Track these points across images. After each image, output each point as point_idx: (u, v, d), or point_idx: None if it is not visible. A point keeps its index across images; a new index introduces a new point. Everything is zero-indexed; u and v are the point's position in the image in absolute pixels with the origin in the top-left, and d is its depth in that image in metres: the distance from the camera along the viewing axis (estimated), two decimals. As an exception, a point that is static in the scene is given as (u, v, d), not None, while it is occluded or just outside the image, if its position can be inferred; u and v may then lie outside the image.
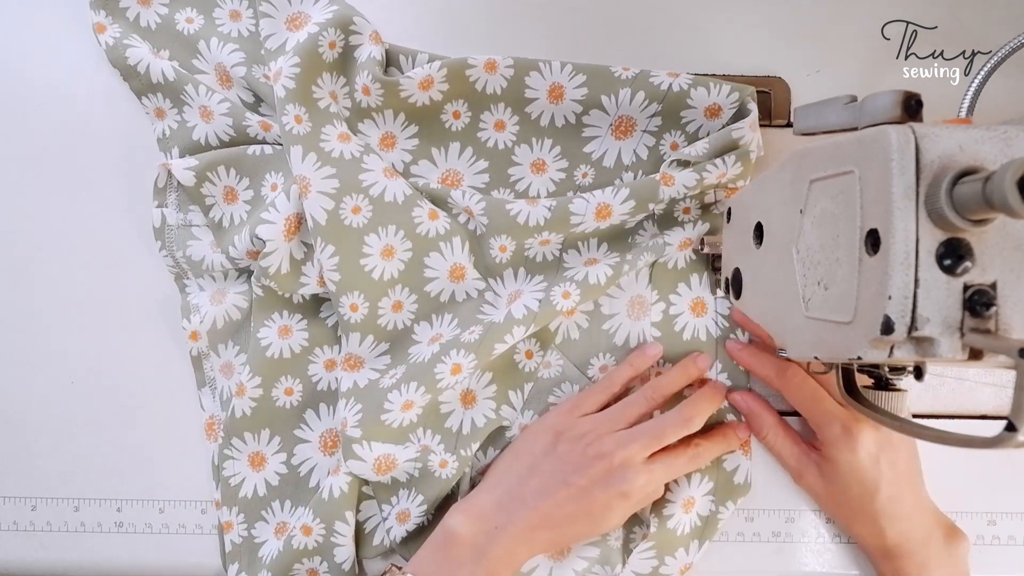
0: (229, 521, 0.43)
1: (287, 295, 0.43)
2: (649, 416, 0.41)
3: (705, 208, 0.43)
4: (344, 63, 0.43)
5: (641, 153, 0.43)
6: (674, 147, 0.43)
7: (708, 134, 0.42)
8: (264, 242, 0.40)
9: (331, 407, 0.44)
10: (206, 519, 0.45)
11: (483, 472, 0.43)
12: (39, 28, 0.46)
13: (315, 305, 0.44)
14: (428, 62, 0.43)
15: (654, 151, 0.43)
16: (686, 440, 0.41)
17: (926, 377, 0.27)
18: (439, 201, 0.43)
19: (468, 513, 0.39)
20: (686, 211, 0.43)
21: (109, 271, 0.46)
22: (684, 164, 0.41)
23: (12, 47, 0.46)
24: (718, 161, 0.40)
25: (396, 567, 0.39)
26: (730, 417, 0.43)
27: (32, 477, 0.45)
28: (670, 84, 0.41)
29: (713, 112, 0.41)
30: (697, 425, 0.40)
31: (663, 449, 0.40)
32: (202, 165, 0.43)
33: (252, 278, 0.43)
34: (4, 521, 0.45)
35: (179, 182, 0.43)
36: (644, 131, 0.43)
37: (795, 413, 0.42)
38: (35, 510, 0.45)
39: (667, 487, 0.42)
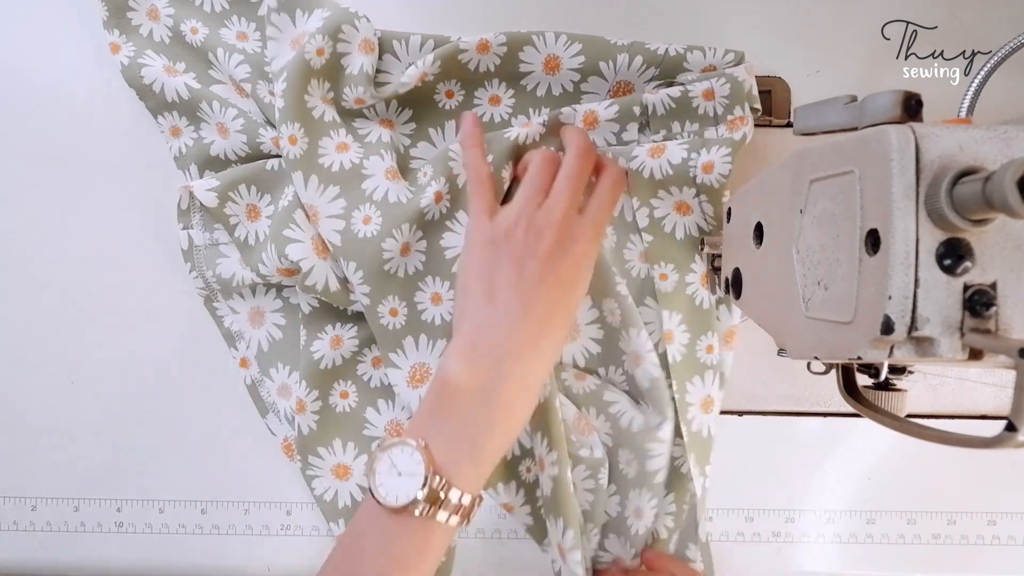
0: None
1: (340, 307, 0.43)
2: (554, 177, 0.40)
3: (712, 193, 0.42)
4: (332, 70, 0.43)
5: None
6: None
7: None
8: (293, 261, 0.40)
9: (388, 401, 0.44)
10: (206, 519, 0.45)
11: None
12: (39, 28, 0.46)
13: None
14: (421, 48, 0.43)
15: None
16: (599, 181, 0.40)
17: (926, 377, 0.27)
18: (441, 167, 0.42)
19: (459, 357, 0.36)
20: (684, 210, 0.43)
21: (109, 271, 0.46)
22: (669, 85, 0.42)
23: (12, 47, 0.46)
24: (705, 83, 0.41)
25: (395, 432, 0.36)
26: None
27: (32, 477, 0.45)
28: (666, 49, 0.42)
29: (709, 71, 0.42)
30: (594, 150, 0.40)
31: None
32: (223, 185, 0.43)
33: (300, 294, 0.43)
34: (4, 521, 0.45)
35: (201, 203, 0.43)
36: (643, 93, 0.43)
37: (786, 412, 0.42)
38: (35, 510, 0.45)
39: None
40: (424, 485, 0.33)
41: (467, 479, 0.34)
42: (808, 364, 0.42)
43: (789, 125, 0.44)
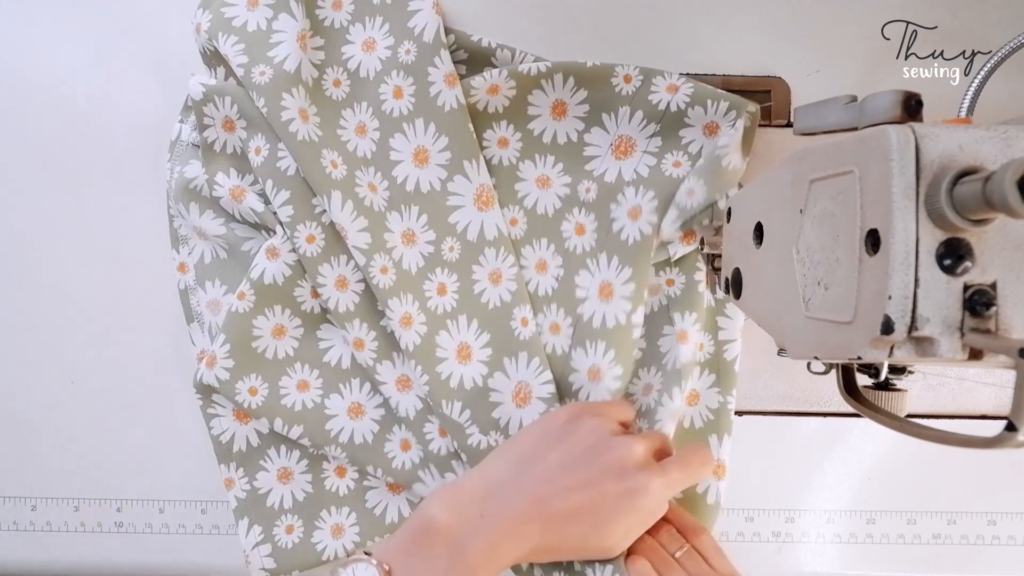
0: (229, 478, 0.44)
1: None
2: None
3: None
4: (353, 95, 0.44)
5: (642, 172, 0.43)
6: (676, 165, 0.42)
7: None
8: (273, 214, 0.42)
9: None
10: (206, 519, 0.45)
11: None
12: (39, 28, 0.46)
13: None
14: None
15: (655, 169, 0.43)
16: (694, 445, 0.40)
17: (926, 377, 0.27)
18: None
19: (452, 498, 0.34)
20: (676, 165, 0.42)
21: (109, 271, 0.46)
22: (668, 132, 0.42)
23: (12, 47, 0.46)
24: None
25: (366, 552, 0.35)
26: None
27: (32, 477, 0.45)
28: (668, 103, 0.41)
29: (711, 130, 0.41)
30: (709, 471, 0.39)
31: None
32: (215, 88, 0.43)
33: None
34: (4, 521, 0.45)
35: (188, 94, 0.43)
36: (644, 151, 0.43)
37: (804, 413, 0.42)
38: (35, 510, 0.45)
39: None
40: None
41: None
42: (808, 364, 0.42)
43: (789, 125, 0.44)
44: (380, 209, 0.43)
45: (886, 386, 0.33)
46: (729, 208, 0.39)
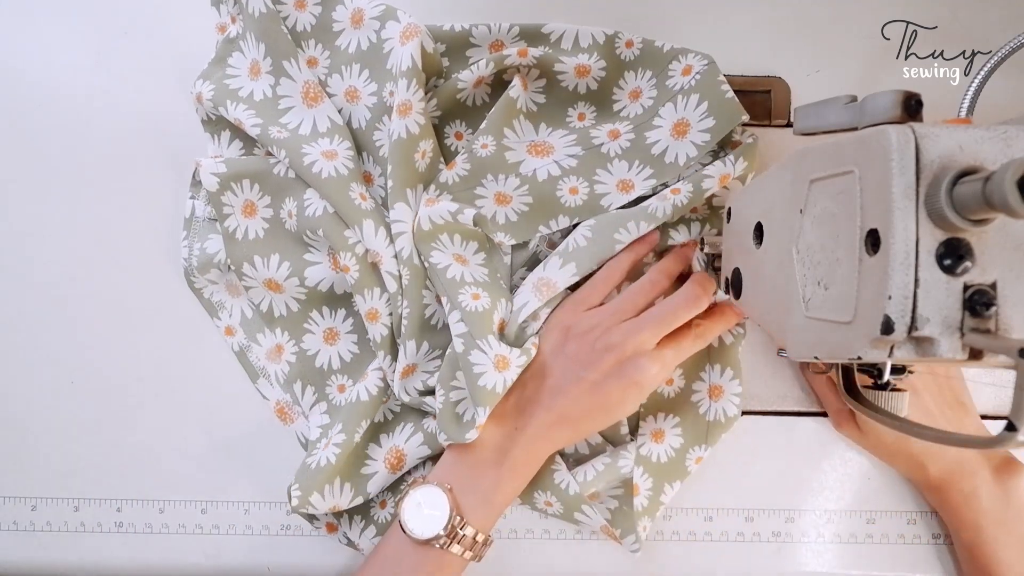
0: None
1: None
2: (653, 303, 0.41)
3: (714, 210, 0.43)
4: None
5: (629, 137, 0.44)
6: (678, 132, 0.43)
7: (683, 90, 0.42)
8: (310, 283, 0.43)
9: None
10: (206, 519, 0.45)
11: None
12: (39, 28, 0.46)
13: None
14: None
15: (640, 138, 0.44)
16: (688, 324, 0.40)
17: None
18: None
19: (489, 418, 0.39)
20: (694, 210, 0.43)
21: (109, 271, 0.46)
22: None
23: (12, 47, 0.46)
24: (718, 164, 0.40)
25: (422, 477, 0.40)
26: (721, 295, 0.42)
27: (32, 477, 0.45)
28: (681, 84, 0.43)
29: (686, 72, 0.42)
30: (704, 303, 0.40)
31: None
32: (228, 174, 0.43)
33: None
34: (4, 521, 0.45)
35: (201, 183, 0.43)
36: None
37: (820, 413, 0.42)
38: (35, 510, 0.45)
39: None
40: (447, 523, 0.37)
41: (479, 520, 0.39)
42: (808, 365, 0.43)
43: (789, 125, 0.44)
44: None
45: (886, 386, 0.33)
46: (729, 208, 0.39)
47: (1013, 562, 0.39)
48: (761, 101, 0.43)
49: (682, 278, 0.42)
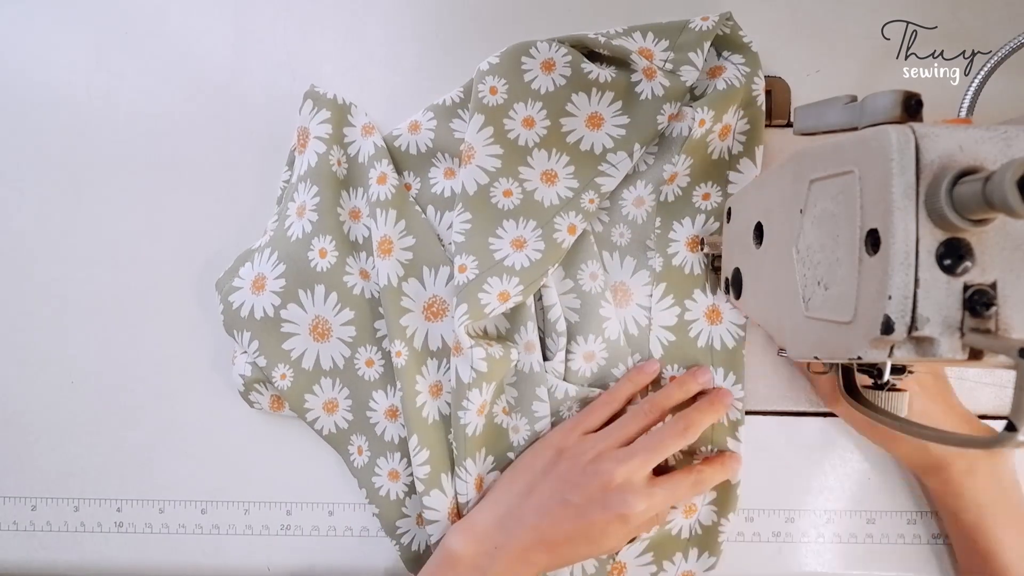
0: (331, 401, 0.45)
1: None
2: (647, 431, 0.41)
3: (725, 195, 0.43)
4: (352, 175, 0.44)
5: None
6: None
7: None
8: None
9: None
10: (206, 519, 0.45)
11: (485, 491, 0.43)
12: (39, 28, 0.46)
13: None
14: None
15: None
16: (688, 467, 0.41)
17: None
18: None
19: (468, 533, 0.39)
20: (705, 196, 0.43)
21: (109, 271, 0.46)
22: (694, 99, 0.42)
23: (12, 47, 0.46)
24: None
25: None
26: (731, 444, 0.43)
27: (32, 477, 0.45)
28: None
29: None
30: (694, 435, 0.40)
31: (667, 473, 0.40)
32: (253, 378, 0.43)
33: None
34: (4, 521, 0.45)
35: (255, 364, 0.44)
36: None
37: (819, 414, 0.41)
38: (35, 510, 0.45)
39: None
40: None
41: None
42: (808, 364, 0.42)
43: (789, 125, 0.44)
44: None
45: (886, 386, 0.33)
46: (729, 208, 0.39)
47: (1013, 543, 0.38)
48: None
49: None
